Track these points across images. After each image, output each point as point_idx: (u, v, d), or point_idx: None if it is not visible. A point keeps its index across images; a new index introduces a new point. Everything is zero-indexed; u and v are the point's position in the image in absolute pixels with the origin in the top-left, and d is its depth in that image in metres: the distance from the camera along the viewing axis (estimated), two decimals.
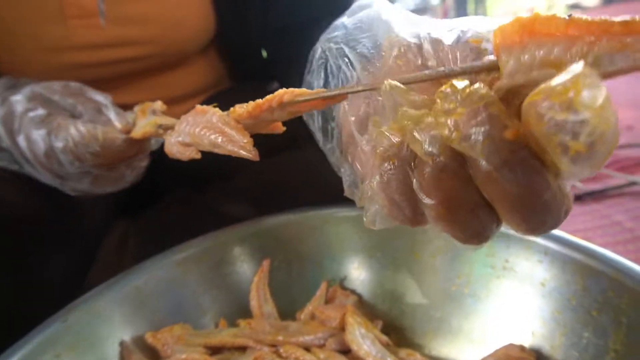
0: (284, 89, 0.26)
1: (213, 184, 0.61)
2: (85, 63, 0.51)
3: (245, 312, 0.45)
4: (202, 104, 0.71)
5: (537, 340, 0.38)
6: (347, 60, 0.28)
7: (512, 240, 0.41)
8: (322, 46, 0.30)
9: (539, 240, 0.39)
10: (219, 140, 0.28)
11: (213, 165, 0.58)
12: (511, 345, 0.38)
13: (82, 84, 0.44)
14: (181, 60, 0.59)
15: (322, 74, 0.30)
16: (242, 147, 0.27)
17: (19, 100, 0.41)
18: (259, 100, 0.27)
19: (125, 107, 0.46)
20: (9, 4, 0.48)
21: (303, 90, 0.26)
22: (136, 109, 0.41)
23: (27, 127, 0.40)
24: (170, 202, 0.62)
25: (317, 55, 0.31)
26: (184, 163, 0.56)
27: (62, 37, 0.49)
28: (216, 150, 0.29)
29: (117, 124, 0.41)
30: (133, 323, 0.41)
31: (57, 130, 0.39)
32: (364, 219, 0.25)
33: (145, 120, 0.40)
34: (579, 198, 0.83)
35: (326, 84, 0.29)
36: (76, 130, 0.39)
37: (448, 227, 0.20)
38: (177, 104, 0.63)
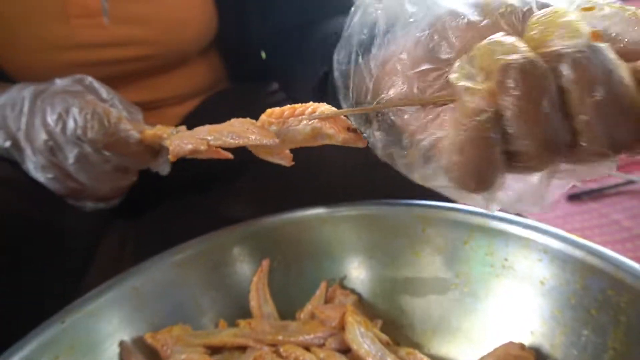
0: (319, 103, 0.27)
1: (211, 185, 0.61)
2: (87, 62, 0.51)
3: (244, 312, 0.45)
4: (201, 104, 0.71)
5: (536, 339, 0.38)
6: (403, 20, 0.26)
7: (511, 238, 0.41)
8: (372, 4, 0.28)
9: (538, 238, 0.39)
10: (240, 132, 0.30)
11: (212, 167, 0.58)
12: (511, 344, 0.38)
13: None
14: (182, 61, 0.59)
15: (367, 31, 0.28)
16: (265, 135, 0.28)
17: (65, 80, 0.43)
18: (295, 105, 0.28)
19: None
20: (11, 2, 0.48)
21: (333, 108, 0.27)
22: (159, 126, 0.42)
23: (57, 90, 0.41)
24: (168, 204, 0.62)
25: (363, 11, 0.29)
26: (182, 165, 0.56)
27: (64, 35, 0.49)
28: (237, 142, 0.30)
29: (141, 124, 0.43)
30: (132, 324, 0.41)
31: (84, 101, 0.41)
32: (414, 174, 0.25)
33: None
34: (577, 197, 0.84)
35: (368, 43, 0.28)
36: (102, 106, 0.41)
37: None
38: (178, 104, 0.63)
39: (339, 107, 0.29)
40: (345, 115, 0.28)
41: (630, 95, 0.18)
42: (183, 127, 0.41)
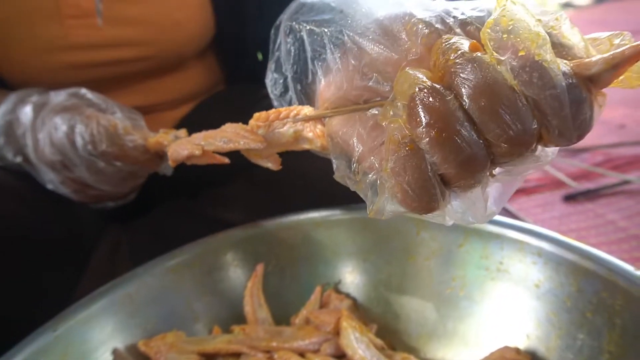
0: (301, 106, 0.28)
1: (205, 190, 0.60)
2: (82, 63, 0.51)
3: (239, 317, 0.45)
4: (198, 106, 0.71)
5: (532, 343, 0.38)
6: (331, 47, 0.26)
7: (506, 242, 0.41)
8: (294, 26, 0.28)
9: (532, 241, 0.39)
10: (231, 137, 0.33)
11: (205, 172, 0.58)
12: (506, 348, 0.38)
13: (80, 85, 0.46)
14: (178, 63, 0.59)
15: (296, 59, 0.28)
16: (252, 139, 0.31)
17: (60, 94, 0.43)
18: (280, 109, 0.30)
19: None
20: (5, 3, 0.48)
21: (312, 109, 0.28)
22: (161, 130, 0.44)
23: (56, 109, 0.42)
24: (162, 209, 0.62)
25: (285, 36, 0.29)
26: (177, 170, 0.56)
27: (58, 36, 0.49)
28: (228, 147, 0.33)
29: (144, 131, 0.44)
30: (125, 331, 0.40)
31: (85, 116, 0.41)
32: (369, 209, 0.24)
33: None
34: (573, 198, 0.84)
35: (303, 69, 0.28)
36: (105, 119, 0.42)
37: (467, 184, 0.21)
38: (174, 107, 0.62)
39: None
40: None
41: (505, 92, 0.19)
42: (183, 131, 0.42)
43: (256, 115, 0.30)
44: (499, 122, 0.19)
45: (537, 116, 0.20)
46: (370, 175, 0.25)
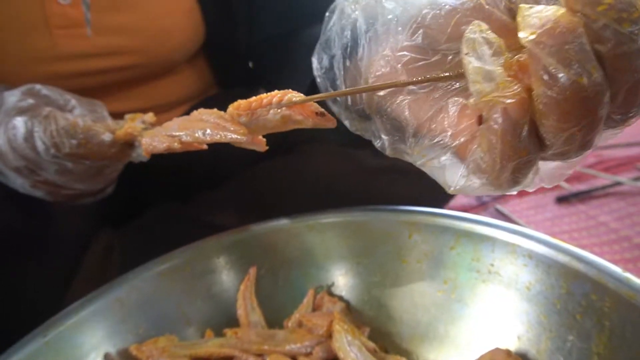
0: (285, 90, 0.27)
1: (197, 193, 0.60)
2: (71, 73, 0.51)
3: (232, 321, 0.44)
4: (189, 110, 0.71)
5: (522, 345, 0.38)
6: (382, 12, 0.25)
7: (496, 244, 0.41)
8: (350, 5, 0.27)
9: (523, 243, 0.40)
10: (211, 128, 0.30)
11: (197, 175, 0.58)
12: (497, 350, 0.38)
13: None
14: (169, 69, 0.59)
15: (349, 35, 0.27)
16: (233, 131, 0.29)
17: (14, 93, 0.41)
18: (261, 95, 0.28)
19: (113, 116, 0.45)
20: None
21: (301, 94, 0.27)
22: (127, 117, 0.42)
23: (11, 113, 0.39)
24: (154, 212, 0.62)
25: (341, 14, 0.28)
26: (169, 173, 0.56)
27: (47, 47, 0.48)
28: (208, 139, 0.30)
29: (108, 122, 0.42)
30: (117, 336, 0.40)
31: (43, 117, 0.39)
32: (449, 187, 0.23)
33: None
34: (565, 199, 0.84)
35: (353, 46, 0.27)
36: (64, 118, 0.39)
37: (574, 146, 0.19)
38: (165, 112, 0.62)
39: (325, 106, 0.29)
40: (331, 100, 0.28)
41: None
42: (150, 115, 0.41)
43: (236, 103, 0.29)
44: (634, 95, 0.18)
45: None
46: (437, 149, 0.23)
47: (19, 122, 0.39)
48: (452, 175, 0.24)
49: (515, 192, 0.22)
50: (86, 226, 0.60)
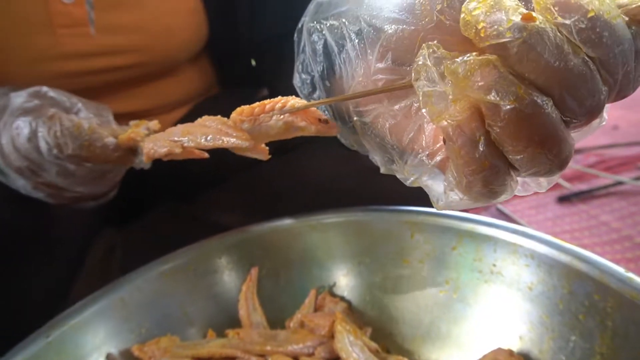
0: (287, 97, 0.27)
1: (200, 193, 0.60)
2: (75, 72, 0.51)
3: (234, 321, 0.45)
4: (192, 109, 0.71)
5: (525, 345, 0.38)
6: (350, 35, 0.25)
7: (498, 244, 0.41)
8: (315, 26, 0.28)
9: (525, 243, 0.40)
10: (214, 133, 0.30)
11: (199, 175, 0.58)
12: (499, 350, 0.38)
13: (73, 93, 0.44)
14: (172, 68, 0.59)
15: (322, 57, 0.28)
16: (236, 137, 0.29)
17: (20, 94, 0.41)
18: (264, 101, 0.28)
19: (116, 116, 0.45)
20: None
21: (303, 101, 0.27)
22: (132, 123, 0.42)
23: (16, 113, 0.39)
24: (156, 212, 0.62)
25: (311, 37, 0.28)
26: (171, 173, 0.56)
27: (50, 46, 0.48)
28: (212, 144, 0.30)
29: (112, 126, 0.42)
30: (119, 336, 0.40)
31: (47, 118, 0.39)
32: (436, 203, 0.24)
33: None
34: (566, 199, 0.84)
35: (329, 67, 0.28)
36: (69, 119, 0.39)
37: (544, 163, 0.20)
38: (168, 111, 0.62)
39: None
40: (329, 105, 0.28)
41: (576, 64, 0.18)
42: (155, 123, 0.41)
43: (239, 109, 0.29)
44: (575, 97, 0.18)
45: (603, 77, 0.19)
46: (421, 168, 0.24)
47: (23, 122, 0.39)
48: (438, 191, 0.24)
49: (505, 199, 0.23)
50: (88, 226, 0.60)
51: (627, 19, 0.19)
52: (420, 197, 0.56)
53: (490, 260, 0.41)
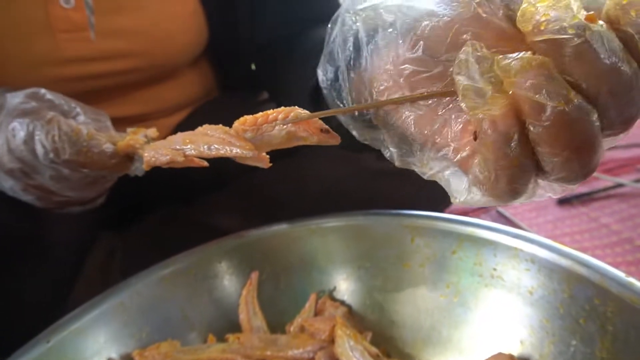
0: (291, 107, 0.28)
1: (200, 197, 0.60)
2: (75, 76, 0.51)
3: (234, 326, 0.44)
4: (191, 113, 0.71)
5: (525, 349, 0.38)
6: (383, 24, 0.25)
7: (499, 248, 0.41)
8: (350, 16, 0.28)
9: (525, 247, 0.39)
10: (217, 143, 0.30)
11: (199, 179, 0.58)
12: (500, 355, 0.38)
13: (73, 98, 0.44)
14: (172, 72, 0.59)
15: (351, 47, 0.28)
16: (239, 146, 0.29)
17: (17, 95, 0.40)
18: (267, 111, 0.28)
19: (115, 120, 0.45)
20: None
21: (306, 111, 0.27)
22: (129, 130, 0.42)
23: (12, 114, 0.39)
24: (156, 216, 0.62)
25: (342, 26, 0.28)
26: (171, 176, 0.56)
27: (50, 50, 0.48)
28: (214, 154, 0.30)
29: (111, 132, 0.42)
30: (119, 341, 0.40)
31: (45, 121, 0.38)
32: (455, 199, 0.24)
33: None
34: (567, 201, 0.84)
35: (355, 57, 0.28)
36: (67, 124, 0.38)
37: (574, 169, 0.20)
38: (168, 115, 0.62)
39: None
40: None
41: (626, 71, 0.18)
42: (153, 130, 0.41)
43: (242, 119, 0.29)
44: (618, 105, 0.19)
45: None
46: (442, 162, 0.24)
47: (20, 124, 0.38)
48: (457, 187, 0.24)
49: (519, 203, 0.23)
50: (88, 230, 0.60)
51: None
52: (420, 200, 0.56)
53: (491, 265, 0.41)
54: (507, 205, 0.24)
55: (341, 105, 0.30)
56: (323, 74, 0.30)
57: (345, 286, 0.47)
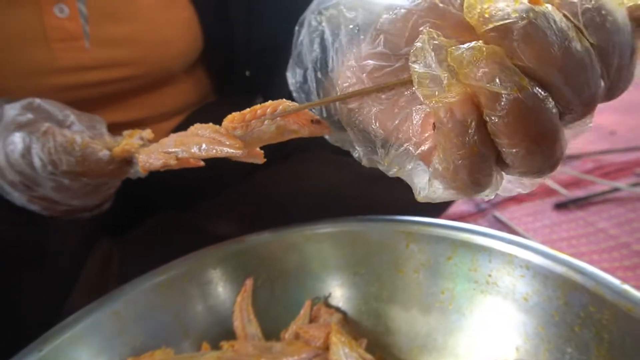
0: (278, 100, 0.27)
1: (197, 202, 0.60)
2: (70, 85, 0.51)
3: (229, 333, 0.44)
4: (186, 118, 0.71)
5: (521, 356, 0.38)
6: (345, 22, 0.25)
7: (493, 254, 0.41)
8: (315, 17, 0.28)
9: (520, 253, 0.39)
10: (207, 143, 0.30)
11: (197, 184, 0.58)
12: None
13: (69, 105, 0.44)
14: (167, 79, 0.59)
15: (317, 48, 0.28)
16: (229, 145, 0.29)
17: (13, 107, 0.40)
18: (254, 107, 0.28)
19: (111, 126, 0.45)
20: None
21: (294, 103, 0.27)
22: (125, 133, 0.42)
23: (10, 127, 0.39)
24: (152, 222, 0.62)
25: (308, 28, 0.28)
26: (167, 183, 0.56)
27: (46, 60, 0.48)
28: (206, 154, 0.30)
29: (106, 138, 0.42)
30: (113, 349, 0.40)
31: (41, 134, 0.38)
32: (418, 194, 0.24)
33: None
34: (563, 206, 0.84)
35: (322, 58, 0.27)
36: (62, 135, 0.39)
37: (536, 161, 0.19)
38: (164, 120, 0.62)
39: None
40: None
41: (578, 51, 0.18)
42: (148, 132, 0.41)
43: (230, 116, 0.29)
44: (574, 85, 0.18)
45: (600, 69, 0.18)
46: (404, 158, 0.24)
47: (17, 138, 0.38)
48: (420, 182, 0.24)
49: (485, 197, 0.22)
50: (84, 236, 0.60)
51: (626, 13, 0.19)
52: (415, 205, 0.56)
53: (486, 271, 0.41)
54: (471, 198, 0.24)
55: (311, 110, 0.29)
56: (292, 77, 0.30)
57: (340, 293, 0.46)
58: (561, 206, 0.84)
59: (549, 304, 0.37)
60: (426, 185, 0.23)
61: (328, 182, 0.55)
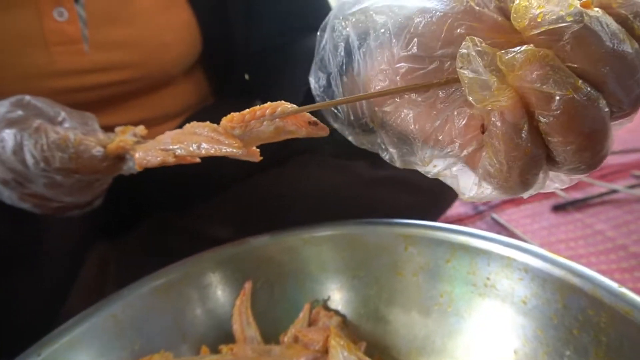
0: (277, 102, 0.27)
1: (195, 206, 0.60)
2: (69, 88, 0.51)
3: (228, 336, 0.44)
4: (185, 120, 0.71)
5: (519, 359, 0.38)
6: (374, 26, 0.25)
7: (492, 257, 0.41)
8: (340, 22, 0.28)
9: (518, 257, 0.39)
10: (205, 141, 0.30)
11: (192, 187, 0.58)
12: None
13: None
14: (166, 82, 0.59)
15: (342, 52, 0.28)
16: (228, 144, 0.29)
17: (2, 104, 0.40)
18: (254, 107, 0.28)
19: (108, 128, 0.45)
20: None
21: (294, 105, 0.27)
22: (117, 129, 0.41)
23: (0, 125, 0.38)
24: (149, 225, 0.61)
25: (332, 32, 0.28)
26: (164, 184, 0.55)
27: (45, 63, 0.48)
28: (202, 153, 0.30)
29: (99, 135, 0.41)
30: (111, 353, 0.40)
31: (33, 130, 0.38)
32: (463, 194, 0.24)
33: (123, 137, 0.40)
34: (561, 207, 0.84)
35: (348, 62, 0.28)
36: (54, 132, 0.38)
37: (587, 157, 0.20)
38: (161, 123, 0.62)
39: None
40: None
41: (629, 53, 0.19)
42: (141, 128, 0.40)
43: (229, 116, 0.29)
44: (625, 86, 0.19)
45: None
46: (447, 160, 0.24)
47: (8, 135, 0.38)
48: (465, 183, 0.24)
49: (527, 196, 0.23)
50: (81, 239, 0.60)
51: None
52: (414, 208, 0.56)
53: (485, 274, 0.41)
54: (516, 197, 0.24)
55: (336, 111, 0.30)
56: (315, 82, 0.30)
57: (339, 296, 0.46)
58: (559, 208, 0.84)
59: (547, 307, 0.37)
60: (473, 186, 0.24)
61: (327, 185, 0.56)
